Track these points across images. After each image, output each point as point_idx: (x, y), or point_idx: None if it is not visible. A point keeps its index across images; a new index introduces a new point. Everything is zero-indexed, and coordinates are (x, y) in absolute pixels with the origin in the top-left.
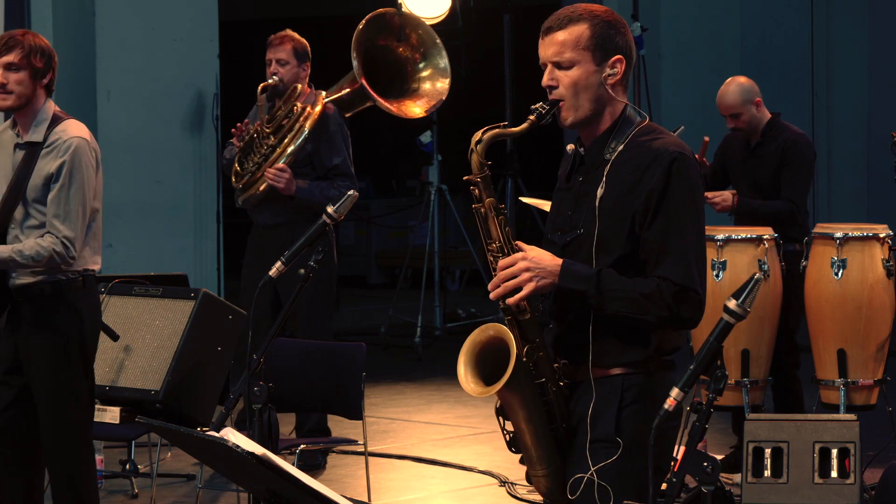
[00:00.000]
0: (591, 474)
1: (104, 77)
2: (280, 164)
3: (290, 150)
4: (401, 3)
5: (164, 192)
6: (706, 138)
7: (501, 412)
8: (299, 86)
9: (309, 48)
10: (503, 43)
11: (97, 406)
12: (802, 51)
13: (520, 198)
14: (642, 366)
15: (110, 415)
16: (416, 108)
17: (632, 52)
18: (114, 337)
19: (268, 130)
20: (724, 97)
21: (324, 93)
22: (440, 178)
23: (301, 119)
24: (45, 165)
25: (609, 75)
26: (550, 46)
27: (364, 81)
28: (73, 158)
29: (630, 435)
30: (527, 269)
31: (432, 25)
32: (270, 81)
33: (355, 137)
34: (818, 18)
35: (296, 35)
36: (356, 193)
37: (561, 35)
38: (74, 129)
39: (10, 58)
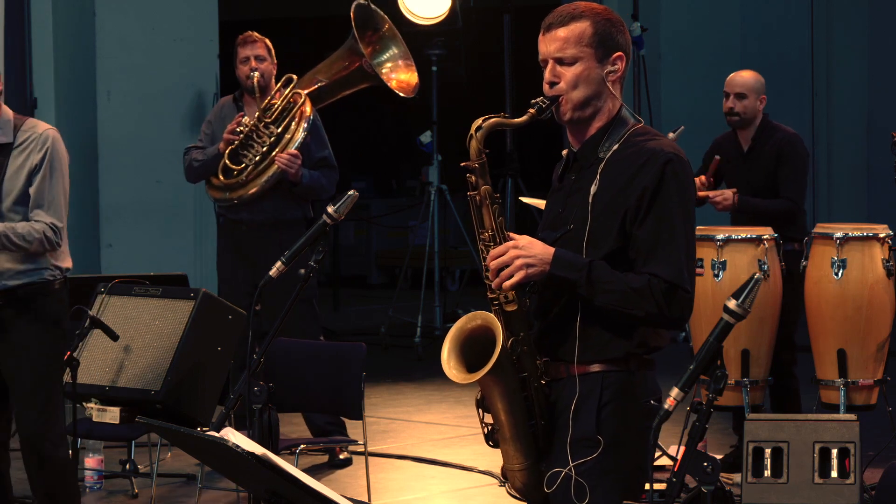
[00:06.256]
0: (570, 470)
1: (104, 77)
2: (292, 150)
3: (299, 134)
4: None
5: (164, 192)
6: (717, 158)
7: (481, 404)
8: (295, 76)
9: None
10: (503, 43)
11: (97, 406)
12: (802, 51)
13: (520, 198)
14: (623, 363)
15: (110, 415)
16: (409, 76)
17: (630, 51)
18: (113, 337)
19: (268, 120)
20: (738, 75)
21: (295, 77)
22: (440, 178)
23: (301, 105)
24: (25, 161)
25: (610, 72)
26: (552, 42)
27: (372, 64)
28: (53, 150)
29: (610, 433)
30: (518, 257)
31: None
32: (255, 76)
33: (356, 137)
34: (818, 18)
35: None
36: (356, 193)
37: (563, 31)
38: (44, 125)
39: None
